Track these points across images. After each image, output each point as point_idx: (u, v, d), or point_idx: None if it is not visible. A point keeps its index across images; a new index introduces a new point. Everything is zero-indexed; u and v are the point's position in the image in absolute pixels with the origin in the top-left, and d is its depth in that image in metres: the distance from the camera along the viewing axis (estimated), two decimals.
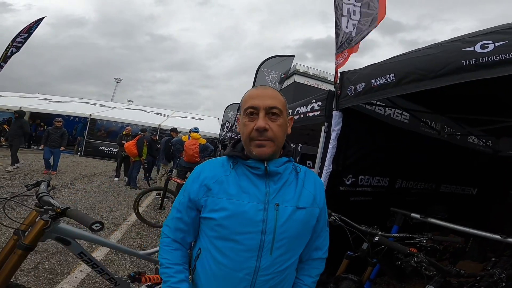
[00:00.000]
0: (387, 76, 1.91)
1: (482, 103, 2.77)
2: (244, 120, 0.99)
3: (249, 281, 0.95)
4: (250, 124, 0.97)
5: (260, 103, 0.96)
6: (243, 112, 1.00)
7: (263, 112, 0.96)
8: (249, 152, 0.99)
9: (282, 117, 0.99)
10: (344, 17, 2.61)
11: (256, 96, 0.99)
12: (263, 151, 0.96)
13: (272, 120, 0.97)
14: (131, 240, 4.03)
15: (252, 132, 0.96)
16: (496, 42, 1.35)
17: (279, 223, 0.95)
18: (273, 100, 0.98)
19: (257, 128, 0.94)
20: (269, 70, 6.77)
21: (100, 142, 14.61)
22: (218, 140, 13.25)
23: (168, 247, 1.05)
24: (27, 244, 1.41)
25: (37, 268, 2.84)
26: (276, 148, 0.99)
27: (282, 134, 1.01)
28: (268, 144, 0.96)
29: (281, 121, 0.99)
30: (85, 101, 20.49)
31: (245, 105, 1.00)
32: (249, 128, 0.97)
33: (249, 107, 0.98)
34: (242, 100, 1.04)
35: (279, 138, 0.99)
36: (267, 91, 1.02)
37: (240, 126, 1.03)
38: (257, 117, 0.96)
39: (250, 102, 0.98)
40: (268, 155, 0.97)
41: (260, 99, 0.97)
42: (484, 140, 4.42)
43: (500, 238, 1.79)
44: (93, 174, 9.09)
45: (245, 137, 0.99)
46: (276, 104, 0.97)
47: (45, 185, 1.64)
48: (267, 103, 0.96)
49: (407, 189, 3.60)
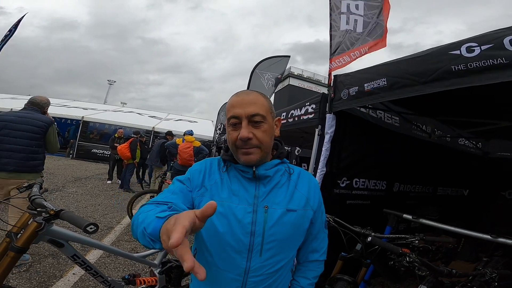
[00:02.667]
0: (379, 80, 1.94)
1: (472, 105, 2.83)
2: (229, 130, 0.99)
3: (240, 282, 0.95)
4: (234, 133, 0.96)
5: (241, 111, 0.95)
6: (227, 121, 1.00)
7: (246, 120, 0.94)
8: (237, 159, 1.00)
9: (266, 122, 0.98)
10: (343, 15, 2.62)
11: (237, 104, 0.97)
12: (249, 158, 0.96)
13: (256, 127, 0.95)
14: (125, 243, 3.99)
15: (237, 141, 0.95)
16: (482, 45, 1.38)
17: (268, 225, 0.95)
18: (255, 107, 0.95)
19: (241, 138, 0.93)
20: (264, 72, 6.73)
21: (93, 145, 14.43)
22: (212, 143, 13.22)
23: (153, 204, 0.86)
24: (20, 247, 1.40)
25: (28, 271, 2.80)
26: (263, 153, 0.98)
27: (269, 139, 0.99)
28: (254, 151, 0.96)
29: (265, 127, 0.97)
30: (77, 104, 20.25)
31: (228, 114, 0.99)
32: (233, 137, 0.96)
33: (231, 116, 0.96)
34: (226, 107, 1.03)
35: (265, 143, 0.98)
36: (249, 97, 0.98)
37: (227, 134, 1.02)
38: (240, 126, 0.95)
39: (232, 111, 0.97)
40: (255, 161, 0.97)
41: (241, 107, 0.95)
42: (474, 142, 4.51)
43: (490, 238, 1.82)
44: (85, 177, 8.98)
45: (231, 146, 0.99)
46: (258, 111, 0.95)
47: (38, 188, 1.63)
48: (249, 111, 0.94)
49: (405, 193, 3.63)
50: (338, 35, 2.63)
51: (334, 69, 2.60)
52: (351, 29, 2.59)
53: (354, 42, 2.57)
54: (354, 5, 2.59)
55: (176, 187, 1.01)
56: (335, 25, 2.65)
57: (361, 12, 2.58)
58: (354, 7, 2.59)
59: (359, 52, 2.55)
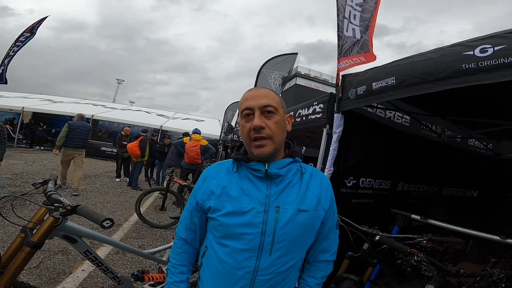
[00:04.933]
0: (388, 79, 1.93)
1: (482, 106, 2.79)
2: (242, 122, 1.02)
3: (249, 280, 0.97)
4: (247, 124, 1.00)
5: (254, 103, 0.99)
6: (241, 114, 1.04)
7: (258, 111, 0.98)
8: (251, 154, 1.02)
9: (278, 114, 1.01)
10: (346, 20, 2.64)
11: (250, 97, 1.02)
12: (263, 151, 0.98)
13: (268, 118, 0.99)
14: (133, 240, 4.05)
15: (250, 131, 0.98)
16: (495, 46, 1.37)
17: (279, 225, 0.96)
18: (267, 99, 1.00)
19: (254, 127, 0.97)
20: (271, 71, 6.67)
21: (102, 143, 14.64)
22: (219, 142, 13.28)
23: (178, 249, 1.15)
24: (36, 242, 1.43)
25: (39, 267, 2.86)
26: (275, 146, 1.00)
27: (281, 131, 1.02)
28: (267, 143, 0.98)
29: (277, 118, 1.00)
30: (87, 102, 20.56)
31: (241, 107, 1.03)
32: (246, 128, 1.00)
33: (245, 108, 1.01)
34: (239, 103, 1.08)
35: (278, 136, 1.00)
36: (261, 91, 1.04)
37: (240, 128, 1.06)
38: (253, 117, 0.98)
39: (245, 104, 1.01)
40: (268, 155, 0.98)
41: (254, 100, 1.00)
42: (484, 143, 4.44)
43: (499, 239, 1.81)
44: (94, 175, 9.12)
45: (245, 138, 1.02)
46: (270, 102, 1.00)
47: (53, 184, 1.67)
48: (261, 102, 0.99)
49: (409, 192, 3.61)
50: (343, 37, 2.65)
51: (343, 69, 2.60)
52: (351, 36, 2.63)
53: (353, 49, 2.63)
54: (353, 14, 2.63)
55: (187, 217, 1.14)
56: (341, 26, 2.66)
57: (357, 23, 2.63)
58: (353, 16, 2.63)
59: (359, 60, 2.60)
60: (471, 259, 3.00)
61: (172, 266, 1.13)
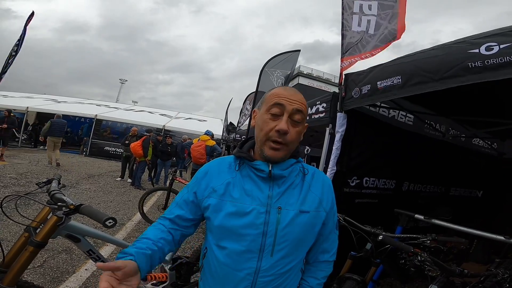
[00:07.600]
0: (394, 78, 1.92)
1: (487, 105, 2.77)
2: (266, 117, 0.97)
3: (250, 281, 0.96)
4: (272, 123, 0.95)
5: (287, 104, 0.95)
6: (267, 107, 0.98)
7: (287, 115, 0.95)
8: (261, 151, 0.99)
9: (302, 125, 1.00)
10: (355, 15, 2.59)
11: (284, 96, 0.97)
12: (276, 154, 0.96)
13: (294, 125, 0.96)
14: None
15: (272, 131, 0.95)
16: (501, 44, 1.36)
17: (281, 226, 0.95)
18: (300, 106, 0.97)
19: (279, 130, 0.93)
20: (273, 69, 6.60)
21: (105, 143, 14.69)
22: (221, 141, 13.30)
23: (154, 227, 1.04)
24: (39, 241, 1.42)
25: (42, 266, 2.87)
26: (287, 153, 0.99)
27: (297, 141, 1.01)
28: (282, 148, 0.96)
29: (300, 128, 0.99)
30: (91, 102, 20.66)
31: (271, 101, 0.97)
32: (269, 126, 0.95)
33: (276, 103, 0.96)
34: (266, 96, 1.03)
35: (294, 144, 0.99)
36: (297, 95, 0.99)
37: (259, 122, 1.00)
38: (281, 118, 0.95)
39: (276, 100, 0.96)
40: (279, 159, 0.98)
41: (288, 101, 0.95)
42: (489, 142, 4.40)
43: (503, 239, 1.79)
44: (98, 174, 9.16)
45: (263, 134, 0.97)
46: (302, 109, 0.98)
47: (56, 183, 1.68)
48: (295, 106, 0.95)
49: (415, 192, 3.58)
50: (349, 35, 2.61)
51: (345, 68, 2.59)
52: (364, 30, 2.56)
53: (365, 45, 2.54)
54: (367, 5, 2.55)
55: (181, 197, 1.07)
56: (346, 25, 2.63)
57: (374, 12, 2.53)
58: (367, 7, 2.55)
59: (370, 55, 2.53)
60: (475, 259, 2.99)
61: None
